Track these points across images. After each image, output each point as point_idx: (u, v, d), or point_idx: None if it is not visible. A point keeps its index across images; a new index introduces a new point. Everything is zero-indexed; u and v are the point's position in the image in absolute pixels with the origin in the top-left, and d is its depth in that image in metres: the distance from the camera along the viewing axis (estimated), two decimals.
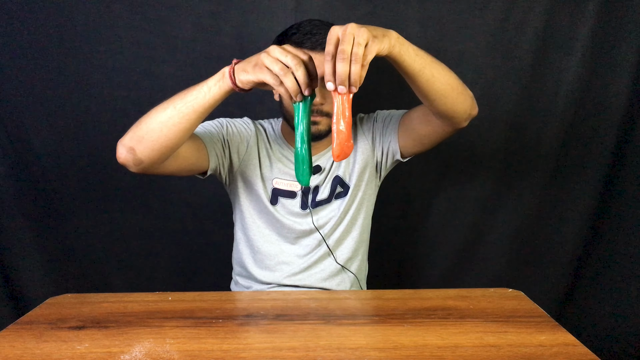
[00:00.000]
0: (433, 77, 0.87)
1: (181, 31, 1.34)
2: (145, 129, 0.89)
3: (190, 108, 0.87)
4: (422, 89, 0.90)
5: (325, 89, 1.03)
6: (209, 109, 0.89)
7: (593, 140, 1.43)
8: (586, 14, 1.33)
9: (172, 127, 0.88)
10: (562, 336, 0.77)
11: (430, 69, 0.87)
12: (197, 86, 0.88)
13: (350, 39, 0.73)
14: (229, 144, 1.10)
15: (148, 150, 0.90)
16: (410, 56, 0.83)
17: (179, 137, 0.90)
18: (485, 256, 1.52)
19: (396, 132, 1.10)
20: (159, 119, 0.88)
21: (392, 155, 1.13)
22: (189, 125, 0.89)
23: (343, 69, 0.73)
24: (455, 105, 0.94)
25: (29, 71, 1.34)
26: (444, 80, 0.89)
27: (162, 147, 0.90)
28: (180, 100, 0.88)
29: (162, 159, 0.93)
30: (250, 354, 0.73)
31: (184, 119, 0.88)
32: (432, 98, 0.91)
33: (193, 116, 0.88)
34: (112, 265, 1.49)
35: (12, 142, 1.38)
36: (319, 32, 1.00)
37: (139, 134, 0.89)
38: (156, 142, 0.89)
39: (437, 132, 1.04)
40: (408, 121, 1.08)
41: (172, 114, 0.88)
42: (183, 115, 0.87)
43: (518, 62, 1.37)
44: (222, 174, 1.11)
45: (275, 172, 1.12)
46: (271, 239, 1.14)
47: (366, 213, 1.17)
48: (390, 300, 0.93)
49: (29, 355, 0.72)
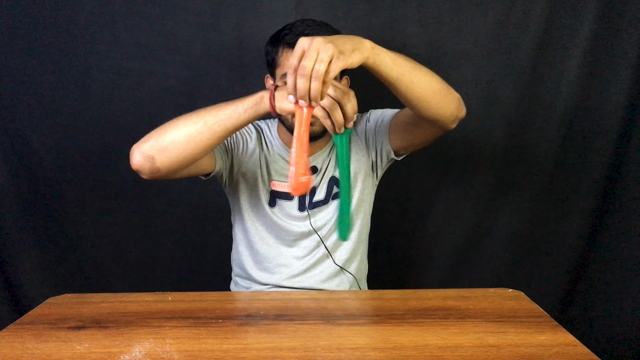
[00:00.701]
0: (412, 83, 0.86)
1: (181, 31, 1.34)
2: (169, 139, 0.89)
3: (222, 126, 0.87)
4: (403, 96, 0.89)
5: None
6: (239, 128, 0.89)
7: (593, 140, 1.43)
8: (586, 14, 1.33)
9: (200, 142, 0.88)
10: (562, 336, 0.77)
11: (409, 76, 0.85)
12: (232, 104, 0.87)
13: (314, 54, 0.71)
14: (232, 148, 1.10)
15: (169, 161, 0.90)
16: (387, 65, 0.82)
17: (204, 151, 0.90)
18: (485, 256, 1.52)
19: (387, 133, 1.10)
20: (186, 132, 0.88)
21: (387, 154, 1.13)
22: (216, 141, 0.90)
23: (303, 85, 0.72)
24: (440, 109, 0.92)
25: (29, 71, 1.34)
26: (424, 85, 0.88)
27: (185, 159, 0.90)
28: (211, 117, 0.88)
29: (180, 169, 0.93)
30: (250, 354, 0.73)
31: (214, 136, 0.88)
32: (414, 104, 0.90)
33: (223, 134, 0.89)
34: (112, 265, 1.49)
35: (12, 142, 1.38)
36: (312, 32, 0.99)
37: (162, 143, 0.89)
38: (180, 154, 0.89)
39: (425, 134, 1.04)
40: (397, 123, 1.08)
41: (202, 130, 0.88)
42: (213, 132, 0.88)
43: (518, 62, 1.37)
44: (224, 175, 1.11)
45: (273, 174, 1.12)
46: (269, 241, 1.14)
47: (364, 213, 1.17)
48: (390, 300, 0.93)
49: (29, 355, 0.72)
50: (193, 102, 1.37)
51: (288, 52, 1.01)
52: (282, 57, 1.03)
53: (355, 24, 1.33)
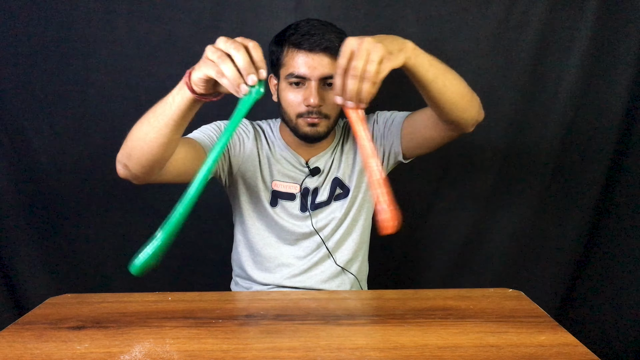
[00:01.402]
0: (445, 86, 0.87)
1: (181, 31, 1.34)
2: (130, 145, 0.87)
3: (162, 122, 0.82)
4: (433, 98, 0.89)
5: (323, 91, 1.03)
6: (180, 122, 0.83)
7: (593, 140, 1.43)
8: (586, 14, 1.33)
9: (152, 143, 0.84)
10: (562, 336, 0.77)
11: (442, 79, 0.86)
12: (165, 98, 0.83)
13: (364, 55, 0.71)
14: (228, 148, 1.09)
15: (138, 166, 0.88)
16: (424, 67, 0.83)
17: (163, 151, 0.86)
18: (485, 256, 1.52)
19: (399, 134, 1.10)
20: (138, 136, 0.85)
21: (395, 156, 1.13)
22: (167, 139, 0.84)
23: (353, 86, 0.72)
24: (465, 113, 0.94)
25: (29, 71, 1.34)
26: (455, 89, 0.89)
27: (149, 161, 0.87)
28: (152, 115, 0.83)
29: (156, 171, 0.91)
30: (250, 354, 0.73)
31: (160, 134, 0.83)
32: (442, 106, 0.91)
33: (166, 130, 0.82)
34: (112, 265, 1.49)
35: (12, 142, 1.38)
36: (317, 32, 1.00)
37: (127, 150, 0.88)
38: (142, 157, 0.87)
39: (442, 137, 1.04)
40: (412, 124, 1.08)
41: (148, 130, 0.84)
42: (158, 130, 0.83)
43: (518, 62, 1.37)
44: (222, 177, 1.11)
45: (275, 174, 1.12)
46: (270, 241, 1.13)
47: (367, 214, 1.17)
48: (390, 300, 0.93)
49: (29, 355, 0.72)
50: None
51: (293, 52, 1.01)
52: (287, 57, 1.03)
53: (355, 24, 1.33)
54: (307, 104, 1.02)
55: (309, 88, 1.01)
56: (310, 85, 1.01)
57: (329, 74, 1.01)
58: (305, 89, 1.02)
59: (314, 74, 1.00)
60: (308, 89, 1.02)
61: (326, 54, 1.00)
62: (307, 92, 1.02)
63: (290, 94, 1.04)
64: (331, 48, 1.00)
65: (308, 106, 1.02)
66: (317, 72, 1.00)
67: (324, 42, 0.99)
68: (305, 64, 1.00)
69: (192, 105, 0.80)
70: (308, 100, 1.01)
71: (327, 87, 1.03)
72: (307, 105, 1.02)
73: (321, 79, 1.01)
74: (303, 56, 1.00)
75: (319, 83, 1.01)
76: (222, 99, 1.36)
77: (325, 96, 1.03)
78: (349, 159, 1.14)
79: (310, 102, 1.01)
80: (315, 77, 1.01)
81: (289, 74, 1.02)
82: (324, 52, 1.00)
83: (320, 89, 1.02)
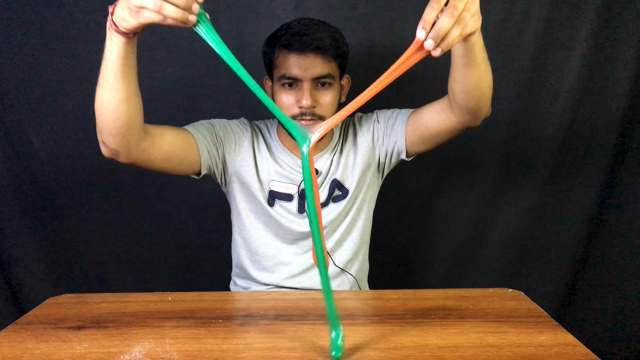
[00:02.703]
0: (485, 72, 0.88)
1: (181, 31, 1.34)
2: (99, 119, 0.87)
3: (111, 79, 0.82)
4: (468, 81, 0.89)
5: (316, 91, 1.02)
6: (126, 69, 0.82)
7: (593, 140, 1.43)
8: (586, 14, 1.33)
9: (110, 105, 0.84)
10: (562, 336, 0.77)
11: (485, 65, 0.88)
12: (103, 58, 0.83)
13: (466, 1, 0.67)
14: (222, 144, 1.08)
15: (110, 137, 0.88)
16: (480, 46, 0.83)
17: (123, 110, 0.85)
18: (485, 256, 1.52)
19: (403, 131, 1.09)
20: (99, 105, 0.86)
21: (397, 154, 1.13)
22: (122, 94, 0.84)
23: (446, 23, 0.65)
24: (486, 103, 0.96)
25: (30, 72, 1.34)
26: (488, 78, 0.91)
27: (117, 127, 0.86)
28: (101, 79, 0.84)
29: (131, 141, 0.89)
30: (250, 354, 0.73)
31: (114, 91, 0.83)
32: (473, 93, 0.91)
33: (117, 84, 0.83)
34: (112, 266, 1.49)
35: (12, 142, 1.38)
36: (308, 32, 0.99)
37: (98, 126, 0.88)
38: (109, 125, 0.86)
39: (449, 131, 1.04)
40: (418, 119, 1.08)
41: (103, 94, 0.84)
42: (110, 88, 0.83)
43: (518, 62, 1.37)
44: (217, 174, 1.10)
45: (272, 175, 1.11)
46: (268, 240, 1.13)
47: (367, 214, 1.17)
48: (390, 300, 0.93)
49: (29, 355, 0.72)
50: (193, 102, 1.37)
51: (284, 54, 1.01)
52: (279, 59, 1.02)
53: (355, 24, 1.32)
54: (300, 105, 1.01)
55: (302, 89, 1.01)
56: (302, 87, 1.01)
57: (321, 74, 1.00)
58: (298, 91, 1.02)
59: (306, 74, 1.00)
60: (301, 90, 1.01)
61: (318, 54, 0.99)
62: (299, 94, 1.01)
63: (284, 95, 1.03)
64: (323, 48, 0.99)
65: (301, 107, 1.01)
66: (309, 72, 1.00)
67: (314, 42, 0.98)
68: (297, 65, 1.00)
69: (129, 47, 0.81)
70: (300, 101, 1.01)
71: (320, 87, 1.03)
72: (300, 107, 1.01)
73: (314, 80, 1.01)
74: (294, 57, 1.00)
75: (311, 84, 1.01)
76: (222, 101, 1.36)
77: (319, 97, 1.02)
78: (348, 159, 1.13)
79: (302, 103, 1.01)
80: (307, 78, 1.00)
81: (281, 75, 1.02)
82: (315, 52, 0.99)
83: (313, 90, 1.01)
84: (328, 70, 1.01)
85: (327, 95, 1.04)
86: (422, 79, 1.35)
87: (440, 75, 1.03)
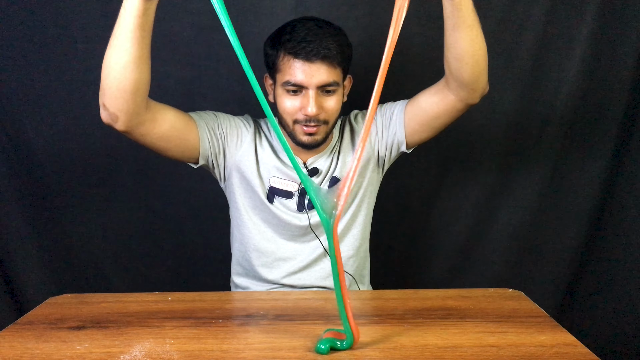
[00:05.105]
0: (476, 37, 0.88)
1: (181, 31, 1.34)
2: (103, 80, 0.88)
3: (122, 38, 0.83)
4: (463, 46, 0.89)
5: (321, 98, 1.02)
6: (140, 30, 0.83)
7: (593, 140, 1.43)
8: (586, 14, 1.33)
9: (118, 64, 0.85)
10: (562, 336, 0.77)
11: (477, 30, 0.88)
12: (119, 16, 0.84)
13: None
14: (224, 136, 1.08)
15: (112, 99, 0.88)
16: (469, 8, 0.84)
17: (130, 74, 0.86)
18: (485, 256, 1.52)
19: (402, 121, 1.09)
20: (106, 64, 0.86)
21: (397, 147, 1.12)
22: (132, 57, 0.85)
23: None
24: (481, 73, 0.96)
25: (29, 71, 1.34)
26: (481, 44, 0.91)
27: (121, 90, 0.87)
28: (112, 36, 0.85)
29: (132, 108, 0.89)
30: (250, 354, 0.73)
31: (123, 51, 0.84)
32: (467, 60, 0.92)
33: (127, 44, 0.84)
34: (112, 265, 1.49)
35: (12, 141, 1.38)
36: (314, 39, 0.98)
37: (102, 87, 0.88)
38: (113, 87, 0.87)
39: (448, 111, 1.04)
40: (415, 105, 1.08)
41: (112, 53, 0.85)
42: (120, 47, 0.84)
43: (518, 62, 1.37)
44: (215, 167, 1.10)
45: (272, 171, 1.11)
46: (268, 235, 1.13)
47: (367, 210, 1.16)
48: (390, 300, 0.93)
49: (29, 355, 0.72)
50: (193, 102, 1.37)
51: (290, 60, 1.00)
52: (283, 64, 1.01)
53: (355, 24, 1.32)
54: (305, 112, 1.01)
55: (307, 96, 1.01)
56: (307, 94, 1.01)
57: (327, 82, 1.00)
58: (303, 97, 1.01)
59: (311, 82, 0.99)
60: (305, 97, 1.01)
61: (324, 62, 0.99)
62: (304, 101, 1.01)
63: (287, 100, 1.03)
64: (329, 56, 0.99)
65: (306, 115, 1.01)
66: (314, 80, 0.99)
67: (321, 51, 0.98)
68: (302, 73, 0.99)
69: (147, 6, 0.81)
70: (305, 109, 1.01)
71: (325, 94, 1.02)
72: (305, 114, 1.01)
73: (319, 87, 1.01)
74: (300, 64, 0.99)
75: (316, 91, 1.01)
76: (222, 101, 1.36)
77: (324, 103, 1.02)
78: (347, 156, 1.13)
79: (308, 111, 1.00)
80: (312, 85, 1.00)
81: (285, 81, 1.01)
82: (321, 60, 0.98)
83: (318, 97, 1.01)
84: (333, 77, 1.01)
85: (332, 101, 1.04)
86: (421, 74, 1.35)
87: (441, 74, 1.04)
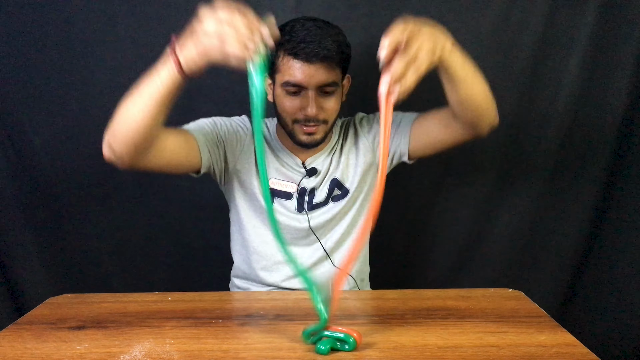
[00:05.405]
0: (473, 86, 0.89)
1: (181, 31, 1.33)
2: (116, 124, 0.86)
3: (147, 102, 0.82)
4: (458, 96, 0.90)
5: (320, 98, 1.02)
6: (167, 102, 0.83)
7: (593, 140, 1.43)
8: (586, 14, 1.33)
9: (137, 123, 0.84)
10: (562, 336, 0.77)
11: (472, 78, 0.88)
12: (150, 76, 0.83)
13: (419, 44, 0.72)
14: (224, 143, 1.08)
15: (122, 146, 0.87)
16: (457, 64, 0.84)
17: (147, 132, 0.85)
18: (485, 256, 1.52)
19: (408, 135, 1.10)
20: (124, 115, 0.85)
21: (399, 157, 1.13)
22: (152, 120, 0.83)
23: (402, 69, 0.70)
24: (484, 114, 0.95)
25: (29, 71, 1.34)
26: (480, 90, 0.91)
27: (134, 141, 0.86)
28: (138, 95, 0.83)
29: (140, 153, 0.89)
30: (250, 354, 0.73)
31: (145, 114, 0.83)
32: (465, 106, 0.92)
33: (152, 110, 0.82)
34: (112, 265, 1.49)
35: (12, 142, 1.38)
36: (314, 39, 0.97)
37: (112, 129, 0.87)
38: (126, 137, 0.86)
39: (455, 138, 1.05)
40: (423, 125, 1.08)
41: (133, 109, 0.83)
42: (143, 109, 0.82)
43: (518, 62, 1.37)
44: (217, 173, 1.10)
45: (271, 172, 1.11)
46: (267, 238, 1.12)
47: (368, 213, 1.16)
48: (390, 300, 0.93)
49: (29, 355, 0.72)
50: (193, 102, 1.37)
51: (289, 60, 0.99)
52: (283, 64, 1.01)
53: (355, 24, 1.32)
54: (305, 113, 1.01)
55: (306, 97, 1.01)
56: (307, 94, 1.00)
57: (326, 82, 1.00)
58: (302, 97, 1.01)
59: (311, 82, 0.99)
60: (305, 97, 1.01)
61: (323, 62, 0.99)
62: (304, 101, 1.01)
63: (287, 100, 1.03)
64: (328, 57, 0.98)
65: (306, 115, 1.01)
66: (314, 80, 0.99)
67: (321, 52, 0.97)
68: (302, 73, 0.99)
69: (179, 84, 0.81)
70: (305, 110, 1.01)
71: (324, 94, 1.02)
72: (305, 115, 1.01)
73: (319, 87, 1.01)
74: (299, 65, 0.99)
75: (316, 91, 1.01)
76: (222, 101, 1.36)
77: (323, 103, 1.02)
78: (349, 159, 1.13)
79: (307, 112, 1.00)
80: (312, 86, 1.00)
81: (285, 81, 1.01)
82: (321, 61, 0.98)
83: (317, 97, 1.01)
84: (333, 78, 1.01)
85: (331, 101, 1.04)
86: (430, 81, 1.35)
87: None
